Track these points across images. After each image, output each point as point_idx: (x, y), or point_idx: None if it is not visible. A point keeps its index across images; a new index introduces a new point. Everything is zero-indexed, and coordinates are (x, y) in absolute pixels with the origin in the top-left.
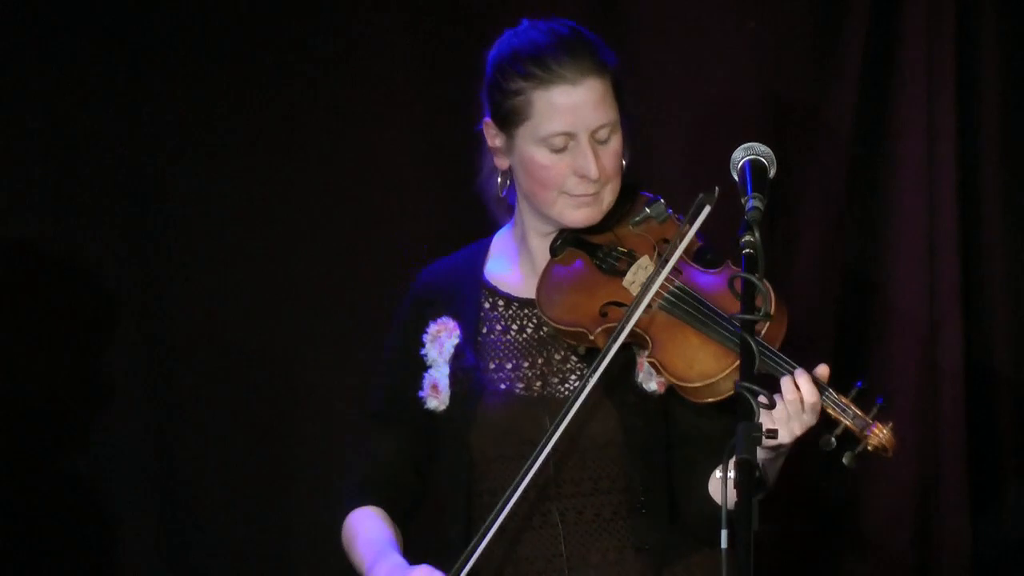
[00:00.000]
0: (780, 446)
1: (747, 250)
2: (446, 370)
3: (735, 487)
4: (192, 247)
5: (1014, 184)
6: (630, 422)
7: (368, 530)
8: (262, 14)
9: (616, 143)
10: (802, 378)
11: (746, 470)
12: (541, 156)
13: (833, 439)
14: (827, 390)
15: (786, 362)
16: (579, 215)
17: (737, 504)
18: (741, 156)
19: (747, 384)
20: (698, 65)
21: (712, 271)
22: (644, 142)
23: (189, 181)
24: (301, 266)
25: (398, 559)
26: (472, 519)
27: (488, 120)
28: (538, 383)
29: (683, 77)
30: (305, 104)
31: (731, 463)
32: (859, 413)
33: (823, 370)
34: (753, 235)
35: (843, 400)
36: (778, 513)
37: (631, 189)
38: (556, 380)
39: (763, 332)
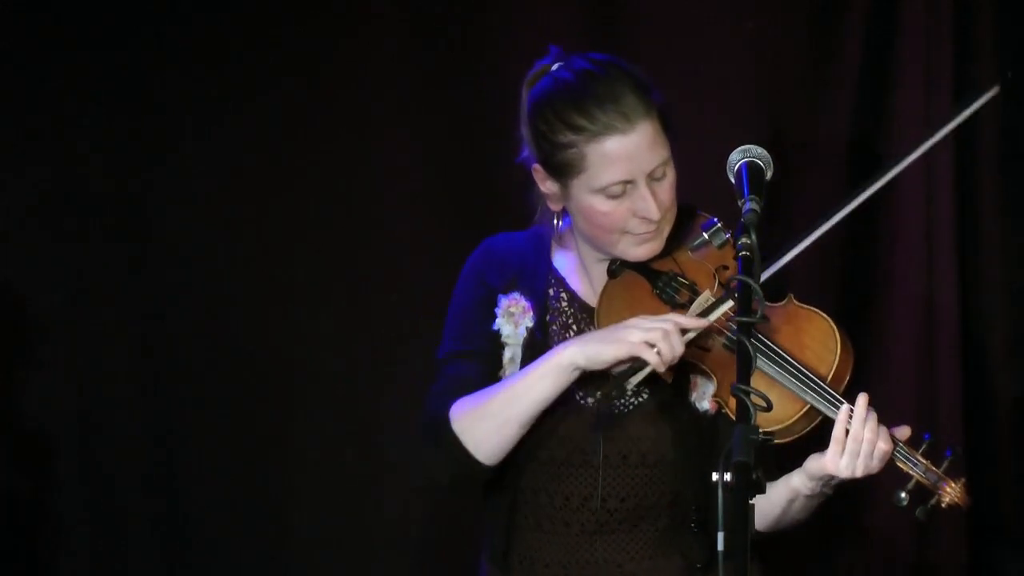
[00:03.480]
0: (832, 479)
1: (744, 252)
2: (520, 354)
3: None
4: (192, 247)
5: (1012, 183)
6: (682, 441)
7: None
8: (262, 14)
9: (671, 176)
10: (872, 422)
11: (743, 473)
12: (600, 204)
13: (904, 495)
14: (899, 444)
15: (837, 398)
16: (643, 250)
17: (734, 506)
18: (738, 158)
19: (743, 387)
20: (695, 65)
21: (772, 305)
22: None
23: (188, 181)
24: (301, 267)
25: None
26: (515, 514)
27: (537, 167)
28: (598, 392)
29: (681, 77)
30: (304, 104)
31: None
32: (931, 467)
33: (903, 432)
34: (750, 237)
35: (914, 454)
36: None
37: (688, 211)
38: (614, 393)
39: (831, 372)
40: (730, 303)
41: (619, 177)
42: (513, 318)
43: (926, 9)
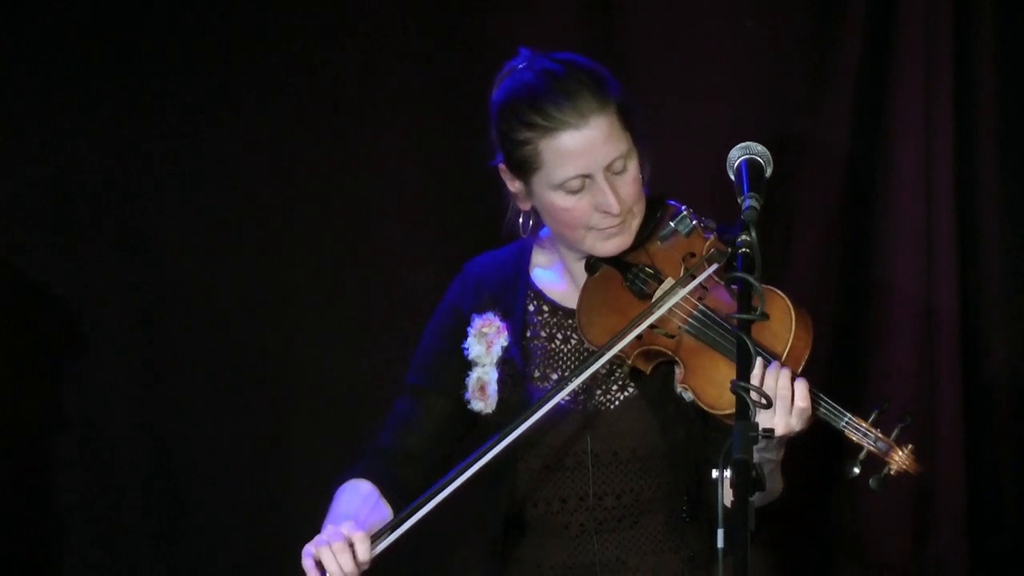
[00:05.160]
0: (772, 439)
1: (743, 250)
2: (495, 374)
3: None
4: (192, 247)
5: (1012, 183)
6: (671, 433)
7: (339, 504)
8: (261, 14)
9: (633, 169)
10: (786, 377)
11: (742, 470)
12: (560, 200)
13: (856, 469)
14: (846, 415)
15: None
16: (610, 245)
17: (734, 503)
18: (738, 156)
19: (743, 384)
20: (695, 65)
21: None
22: None
23: (189, 181)
24: (301, 266)
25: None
26: (510, 520)
27: (503, 166)
28: (582, 396)
29: (680, 76)
30: (304, 105)
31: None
32: (881, 437)
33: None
34: (749, 235)
35: (864, 425)
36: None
37: (658, 200)
38: (599, 392)
39: (786, 350)
40: (690, 287)
41: (574, 172)
42: (486, 338)
43: (926, 9)
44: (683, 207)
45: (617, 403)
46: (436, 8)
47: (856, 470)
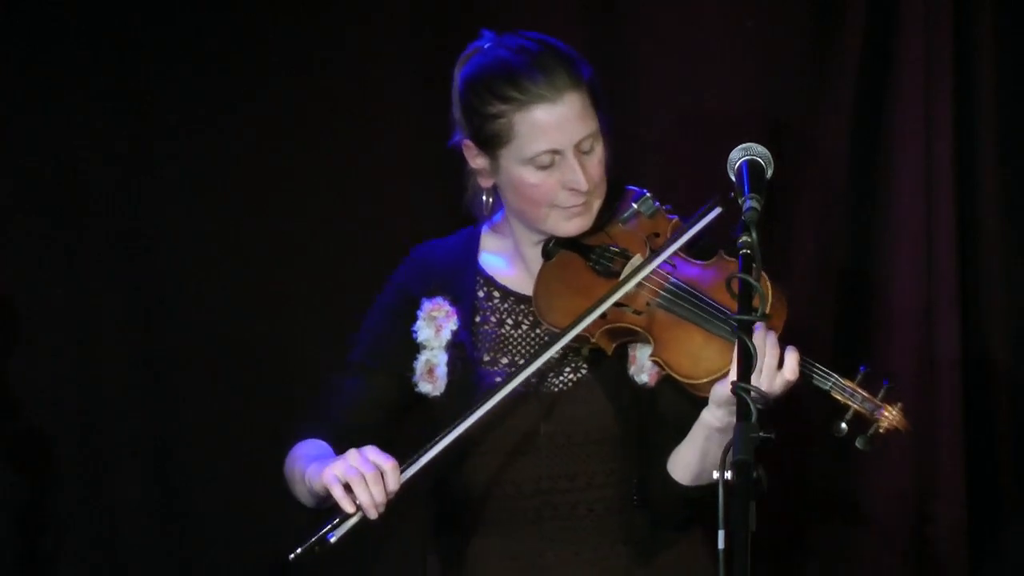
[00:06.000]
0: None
1: (744, 250)
2: (444, 357)
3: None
4: (191, 247)
5: (1012, 183)
6: (625, 416)
7: (313, 447)
8: (261, 14)
9: (599, 150)
10: (773, 338)
11: (743, 471)
12: (529, 175)
13: (844, 425)
14: (833, 375)
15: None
16: (572, 225)
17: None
18: (738, 156)
19: (744, 384)
20: (695, 64)
21: (704, 263)
22: (641, 142)
23: (188, 180)
24: (301, 266)
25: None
26: (465, 508)
27: (468, 142)
28: (534, 379)
29: (681, 76)
30: (304, 105)
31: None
32: (867, 396)
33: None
34: (750, 235)
35: (850, 385)
36: (774, 510)
37: (616, 185)
38: (552, 375)
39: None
40: (659, 261)
41: (547, 146)
42: (435, 322)
43: (926, 9)
44: (645, 190)
45: (571, 385)
46: (436, 8)
47: (843, 426)
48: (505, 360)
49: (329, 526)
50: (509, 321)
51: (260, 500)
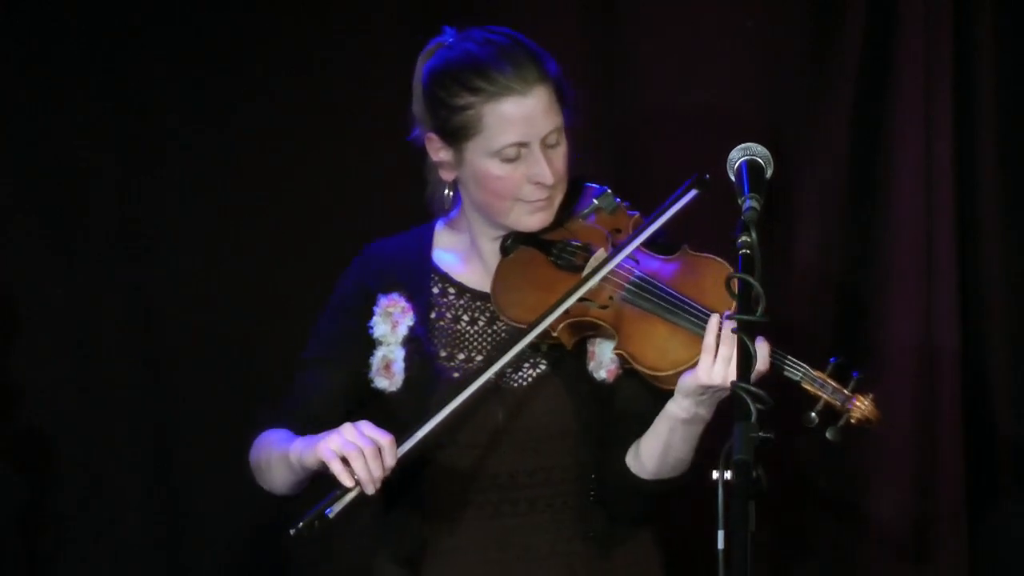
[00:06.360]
0: (703, 392)
1: (744, 251)
2: (401, 352)
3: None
4: (191, 248)
5: (1012, 183)
6: (584, 412)
7: (282, 435)
8: (261, 14)
9: (564, 146)
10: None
11: (743, 471)
12: (495, 167)
13: (814, 415)
14: (803, 366)
15: None
16: (534, 220)
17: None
18: (738, 156)
19: (744, 385)
20: (695, 65)
21: (668, 257)
22: (641, 142)
23: (188, 181)
24: (301, 266)
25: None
26: (422, 503)
27: (432, 135)
28: (492, 376)
29: (681, 76)
30: (304, 105)
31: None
32: (837, 387)
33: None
34: (750, 236)
35: (820, 376)
36: (774, 511)
37: (576, 182)
38: (510, 371)
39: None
40: (623, 256)
41: (515, 139)
42: (391, 318)
43: (926, 8)
44: (606, 187)
45: (530, 381)
46: (435, 9)
47: (814, 416)
48: (462, 356)
49: (327, 501)
50: (465, 317)
51: (260, 500)
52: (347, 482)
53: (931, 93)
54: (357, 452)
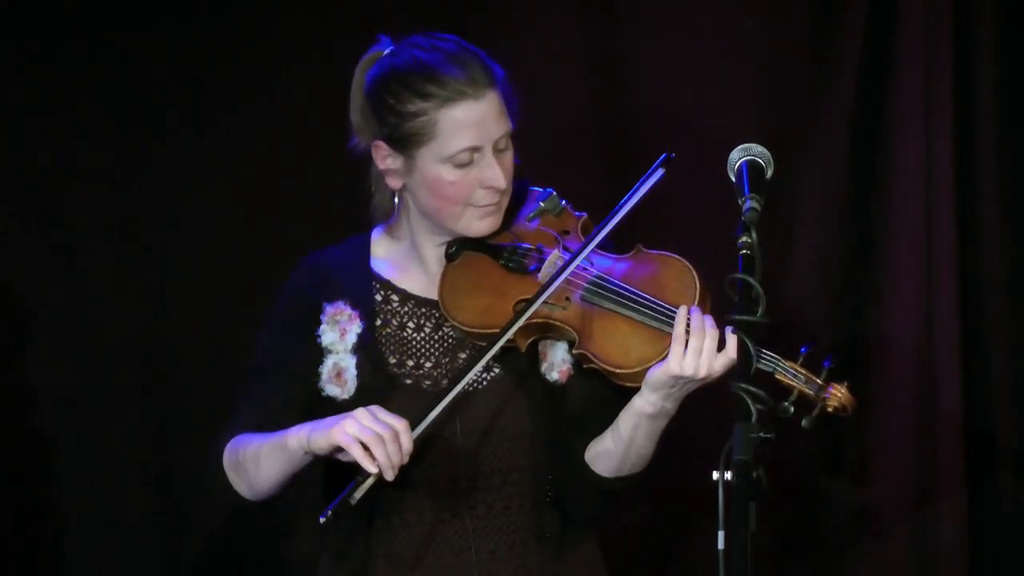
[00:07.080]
0: (673, 384)
1: (744, 251)
2: (352, 360)
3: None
4: (191, 247)
5: (1012, 183)
6: (539, 413)
7: (259, 436)
8: (261, 15)
9: (511, 151)
10: (710, 319)
11: (743, 471)
12: (447, 173)
13: (788, 406)
14: (776, 357)
15: None
16: (484, 224)
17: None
18: (738, 157)
19: (744, 385)
20: (696, 65)
21: (622, 256)
22: (641, 142)
23: (188, 181)
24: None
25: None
26: (376, 508)
27: (380, 143)
28: (444, 381)
29: (681, 76)
30: (304, 105)
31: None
32: (811, 377)
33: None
34: (750, 236)
35: (793, 367)
36: (774, 510)
37: (519, 186)
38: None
39: (696, 303)
40: (581, 258)
41: (468, 143)
42: (339, 326)
43: (926, 9)
44: (551, 189)
45: (485, 383)
46: (435, 9)
47: (788, 406)
48: (411, 363)
49: (351, 487)
50: (411, 324)
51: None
52: (371, 468)
53: (931, 93)
54: (376, 438)
